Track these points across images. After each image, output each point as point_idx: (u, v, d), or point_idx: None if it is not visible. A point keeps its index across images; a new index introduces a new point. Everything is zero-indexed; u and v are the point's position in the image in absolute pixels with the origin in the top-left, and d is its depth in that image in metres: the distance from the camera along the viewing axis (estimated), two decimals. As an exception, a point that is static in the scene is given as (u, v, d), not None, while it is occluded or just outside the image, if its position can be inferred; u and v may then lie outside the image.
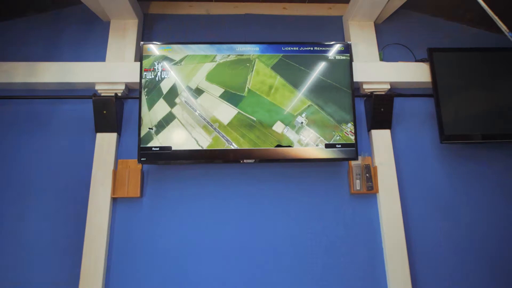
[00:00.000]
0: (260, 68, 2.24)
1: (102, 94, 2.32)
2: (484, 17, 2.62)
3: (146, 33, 2.62)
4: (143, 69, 2.21)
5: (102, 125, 2.27)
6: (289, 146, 2.13)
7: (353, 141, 2.18)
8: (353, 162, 2.29)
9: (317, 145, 2.15)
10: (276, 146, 2.12)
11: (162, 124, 2.14)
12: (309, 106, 2.20)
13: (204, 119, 2.17)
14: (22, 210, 2.17)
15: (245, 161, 2.14)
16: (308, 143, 2.14)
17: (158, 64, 2.23)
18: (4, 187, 2.21)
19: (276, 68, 2.25)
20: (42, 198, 2.20)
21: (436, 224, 2.25)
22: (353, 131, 2.18)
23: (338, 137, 2.17)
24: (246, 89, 2.23)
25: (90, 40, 2.54)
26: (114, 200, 2.22)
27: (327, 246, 2.20)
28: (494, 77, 2.31)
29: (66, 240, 2.14)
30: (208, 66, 2.23)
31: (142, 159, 2.12)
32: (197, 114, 2.17)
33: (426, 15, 2.76)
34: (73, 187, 2.22)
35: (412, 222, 2.24)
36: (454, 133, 2.25)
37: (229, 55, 2.25)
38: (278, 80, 2.23)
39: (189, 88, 2.19)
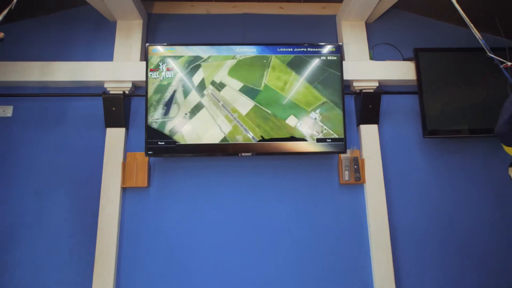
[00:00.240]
0: (276, 64, 2.42)
1: (111, 92, 2.50)
2: (470, 17, 2.77)
3: (150, 33, 2.79)
4: (149, 69, 2.39)
5: (112, 121, 2.47)
6: (304, 140, 2.33)
7: (342, 136, 2.38)
8: (342, 155, 2.49)
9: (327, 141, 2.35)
10: (289, 139, 2.32)
11: (194, 111, 2.35)
12: (323, 102, 2.39)
13: (226, 109, 2.36)
14: (41, 199, 2.39)
15: (242, 154, 2.34)
16: (322, 139, 2.35)
17: (162, 64, 2.40)
18: (23, 178, 2.42)
19: (291, 64, 2.43)
20: (58, 188, 2.41)
21: (418, 211, 2.46)
22: (335, 136, 2.37)
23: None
24: (263, 84, 2.41)
25: (98, 40, 2.70)
26: (124, 189, 2.43)
27: (318, 230, 2.42)
28: (475, 76, 2.48)
29: (81, 226, 2.36)
30: (230, 63, 2.41)
31: (149, 152, 2.33)
32: (221, 104, 2.37)
33: (415, 15, 2.90)
34: (86, 178, 2.43)
35: (395, 209, 2.46)
36: (436, 128, 2.44)
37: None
38: (292, 75, 2.41)
39: (214, 82, 2.38)
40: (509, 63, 1.76)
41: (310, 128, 2.36)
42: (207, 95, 2.38)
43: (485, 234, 2.43)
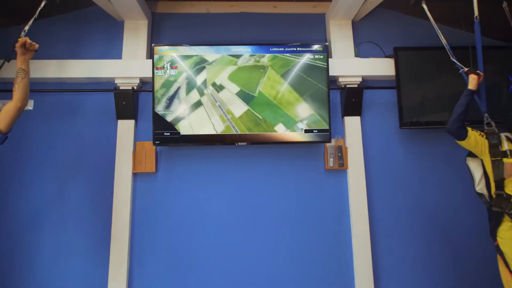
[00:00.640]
0: (272, 75, 2.70)
1: (121, 87, 2.79)
2: (452, 15, 3.01)
3: (154, 31, 3.05)
4: (155, 68, 2.67)
5: (122, 114, 2.77)
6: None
7: (328, 127, 2.68)
8: (328, 144, 2.80)
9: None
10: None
11: (193, 108, 2.64)
12: (311, 115, 2.68)
13: (222, 109, 2.66)
14: (61, 183, 2.72)
15: (239, 143, 2.66)
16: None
17: (167, 63, 2.68)
18: (45, 165, 2.74)
19: (285, 75, 2.70)
20: (76, 174, 2.74)
21: (393, 193, 2.80)
22: (321, 127, 2.67)
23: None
24: (258, 91, 2.70)
25: (108, 39, 2.96)
26: (134, 175, 2.76)
27: (306, 209, 2.76)
28: (448, 72, 2.73)
29: (97, 207, 2.70)
30: (231, 68, 2.69)
31: (156, 142, 2.64)
32: (217, 105, 2.66)
33: (400, 13, 3.14)
34: (101, 164, 2.76)
35: (373, 191, 2.79)
36: (411, 120, 2.74)
37: (248, 61, 2.69)
38: (285, 86, 2.69)
39: (215, 84, 2.67)
40: (465, 69, 2.05)
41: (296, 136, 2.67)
42: (207, 95, 2.66)
43: (449, 209, 2.77)
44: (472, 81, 2.00)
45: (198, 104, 2.65)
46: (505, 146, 1.96)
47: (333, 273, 2.68)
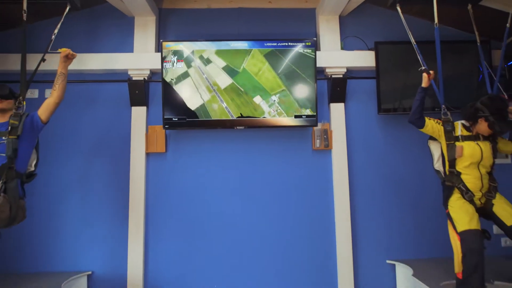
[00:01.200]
0: (256, 53, 3.08)
1: (134, 78, 3.17)
2: (431, 11, 3.30)
3: (161, 25, 3.39)
4: (163, 61, 3.04)
5: (135, 101, 3.17)
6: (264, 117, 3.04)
7: (315, 113, 3.07)
8: (315, 127, 3.20)
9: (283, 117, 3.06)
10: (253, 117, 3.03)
11: (180, 79, 3.03)
12: (282, 90, 3.07)
13: (208, 81, 3.05)
14: (86, 162, 3.15)
15: (237, 127, 3.07)
16: (274, 115, 3.05)
17: (174, 56, 3.05)
18: (71, 147, 3.16)
19: (268, 56, 3.08)
20: (97, 154, 3.17)
21: (371, 169, 3.24)
22: (309, 113, 3.06)
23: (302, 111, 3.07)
24: (242, 68, 3.08)
25: (120, 33, 3.31)
26: (147, 154, 3.18)
27: (295, 184, 3.21)
28: (421, 64, 3.08)
29: (116, 182, 3.14)
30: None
31: (165, 126, 3.05)
32: (204, 77, 3.05)
33: (384, 9, 3.43)
34: (118, 145, 3.18)
35: (354, 168, 3.23)
36: (388, 106, 3.13)
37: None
38: (266, 65, 3.07)
39: (202, 57, 3.04)
40: (422, 68, 2.41)
41: (267, 108, 3.06)
42: (194, 67, 3.04)
43: (417, 182, 3.21)
44: (424, 79, 2.38)
45: (185, 75, 3.03)
46: (459, 131, 2.36)
47: (317, 234, 3.16)
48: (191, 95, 3.05)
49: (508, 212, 2.21)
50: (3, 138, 2.16)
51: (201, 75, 3.05)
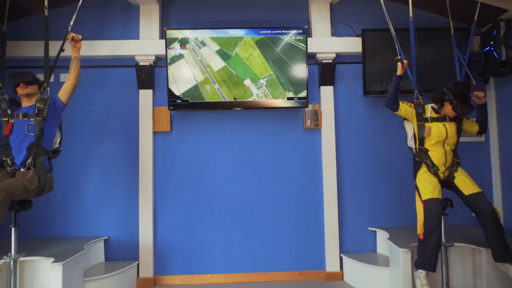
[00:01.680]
0: (248, 40, 3.36)
1: (140, 63, 3.47)
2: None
3: (164, 14, 3.65)
4: (167, 48, 3.33)
5: (142, 85, 3.48)
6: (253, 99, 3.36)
7: (306, 96, 3.38)
8: (306, 109, 3.52)
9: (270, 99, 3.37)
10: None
11: (174, 59, 3.33)
12: (269, 75, 3.37)
13: (202, 63, 3.35)
14: (99, 140, 3.51)
15: (235, 109, 3.40)
16: (262, 96, 3.37)
17: (177, 43, 3.34)
18: (86, 126, 3.51)
19: (258, 43, 3.36)
20: (110, 132, 3.52)
21: (356, 145, 3.58)
22: (292, 96, 3.37)
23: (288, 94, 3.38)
24: (234, 52, 3.37)
25: (126, 21, 3.59)
26: (154, 133, 3.53)
27: (288, 160, 3.56)
28: (403, 51, 3.35)
29: (127, 158, 3.51)
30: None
31: (170, 107, 3.38)
32: (198, 59, 3.35)
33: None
34: (128, 125, 3.52)
35: (341, 145, 3.57)
36: (372, 89, 3.44)
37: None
38: (256, 51, 3.36)
39: (197, 40, 3.33)
40: (405, 60, 2.69)
41: (256, 91, 3.37)
42: (188, 49, 3.33)
43: (397, 157, 3.52)
44: (399, 68, 2.67)
45: (180, 56, 3.33)
46: (428, 113, 2.68)
47: (307, 203, 3.56)
48: (184, 75, 3.35)
49: (466, 183, 2.56)
50: (31, 119, 2.50)
51: (195, 57, 3.34)
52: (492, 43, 3.21)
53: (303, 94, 3.39)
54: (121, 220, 3.49)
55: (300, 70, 3.37)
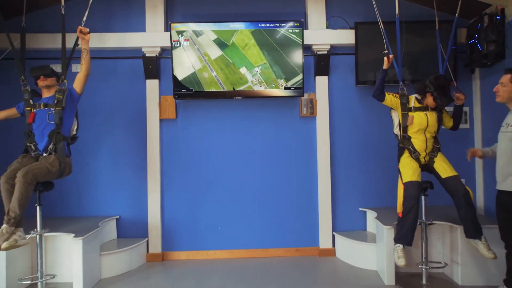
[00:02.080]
0: (244, 30, 3.58)
1: (147, 55, 3.71)
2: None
3: (169, 7, 3.86)
4: (172, 40, 3.55)
5: (149, 75, 3.72)
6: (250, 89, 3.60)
7: (302, 85, 3.62)
8: (302, 97, 3.76)
9: (265, 88, 3.61)
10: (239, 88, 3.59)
11: (175, 49, 3.57)
12: (263, 63, 3.60)
13: (199, 51, 3.58)
14: (111, 129, 3.78)
15: (236, 98, 3.65)
16: (256, 83, 3.61)
17: (181, 36, 3.56)
18: (98, 114, 3.77)
19: (254, 33, 3.58)
20: (120, 119, 3.79)
21: (349, 132, 3.85)
22: (283, 84, 3.61)
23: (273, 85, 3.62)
24: (231, 41, 3.59)
25: (133, 14, 3.80)
26: (161, 120, 3.80)
27: (285, 145, 3.84)
28: (393, 43, 3.56)
29: (136, 144, 3.79)
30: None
31: (175, 96, 3.63)
32: (196, 47, 3.58)
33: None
34: (137, 112, 3.79)
35: (335, 131, 3.84)
36: (364, 79, 3.66)
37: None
38: (252, 41, 3.58)
39: (200, 32, 3.56)
40: (391, 55, 2.92)
41: (251, 78, 3.60)
42: (190, 41, 3.55)
43: (386, 142, 3.74)
44: (385, 62, 2.89)
45: (177, 44, 3.56)
46: (412, 104, 2.93)
47: (303, 185, 3.86)
48: (183, 63, 3.57)
49: (444, 167, 2.83)
50: (51, 109, 2.77)
51: (193, 46, 3.57)
52: (476, 36, 3.41)
53: (299, 83, 3.62)
54: (131, 200, 3.81)
55: (292, 60, 3.59)
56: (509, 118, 2.49)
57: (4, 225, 2.42)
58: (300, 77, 3.62)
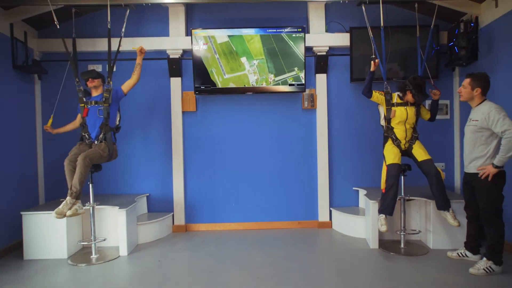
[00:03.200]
0: (254, 35, 4.19)
1: (171, 56, 4.32)
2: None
3: (188, 13, 4.45)
4: (192, 44, 4.16)
5: (173, 73, 4.35)
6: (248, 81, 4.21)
7: (303, 82, 4.23)
8: (304, 92, 4.37)
9: (272, 80, 4.21)
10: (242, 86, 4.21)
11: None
12: (261, 58, 4.20)
13: (215, 51, 4.18)
14: (142, 119, 4.44)
15: (247, 93, 4.27)
16: (251, 73, 4.21)
17: (200, 41, 4.16)
18: (132, 107, 4.40)
19: (262, 37, 4.18)
20: (148, 114, 4.44)
21: (344, 123, 4.46)
22: (272, 78, 4.21)
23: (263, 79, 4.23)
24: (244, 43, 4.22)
25: (159, 20, 4.40)
26: (183, 112, 4.44)
27: (289, 133, 4.48)
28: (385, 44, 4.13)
29: (163, 133, 4.45)
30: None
31: (196, 92, 4.26)
32: (213, 50, 4.17)
33: (361, -5, 4.40)
34: (163, 105, 4.44)
35: (332, 122, 4.46)
36: (358, 77, 4.25)
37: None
38: (256, 38, 4.18)
39: (211, 34, 4.16)
40: (377, 59, 3.50)
41: (248, 67, 4.19)
42: (204, 41, 4.17)
43: (377, 132, 4.33)
44: (372, 65, 3.48)
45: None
46: (395, 100, 3.53)
47: (304, 167, 4.51)
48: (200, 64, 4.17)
49: (420, 153, 3.45)
50: (101, 105, 3.42)
51: (211, 48, 4.17)
52: (454, 40, 3.97)
53: (275, 76, 4.20)
54: (159, 180, 4.50)
55: (277, 59, 4.19)
56: (472, 114, 3.09)
57: (68, 197, 3.11)
58: (292, 73, 4.23)
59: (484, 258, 2.98)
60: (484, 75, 2.97)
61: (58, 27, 3.53)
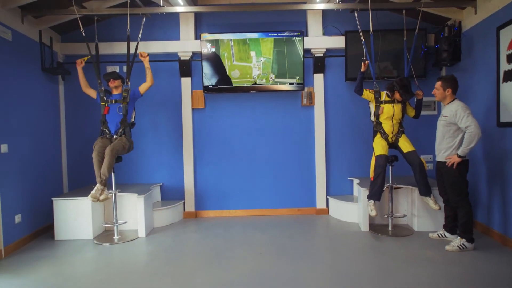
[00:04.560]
0: (257, 39, 4.59)
1: (182, 58, 4.75)
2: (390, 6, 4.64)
3: (197, 18, 4.86)
4: (201, 47, 4.58)
5: (184, 74, 4.78)
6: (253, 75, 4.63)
7: (302, 81, 4.64)
8: (303, 91, 4.78)
9: (272, 79, 4.63)
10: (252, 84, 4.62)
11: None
12: (268, 58, 4.61)
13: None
14: (155, 115, 4.88)
15: (251, 91, 4.70)
16: (256, 67, 4.61)
17: (208, 44, 4.59)
18: (145, 105, 4.85)
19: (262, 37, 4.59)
20: (162, 110, 4.88)
21: (340, 118, 4.87)
22: (273, 78, 4.62)
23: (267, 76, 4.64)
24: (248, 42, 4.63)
25: (170, 25, 4.82)
26: (193, 109, 4.88)
27: (289, 128, 4.90)
28: (375, 46, 4.52)
29: (174, 127, 4.89)
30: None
31: (204, 91, 4.69)
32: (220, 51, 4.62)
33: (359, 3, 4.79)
34: (174, 103, 4.88)
35: (329, 117, 4.87)
36: (351, 76, 4.65)
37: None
38: (270, 39, 4.58)
39: (218, 38, 4.59)
40: (367, 61, 3.91)
41: (255, 61, 4.59)
42: (212, 44, 4.61)
43: (368, 126, 4.72)
44: (362, 66, 3.89)
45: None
46: (383, 98, 3.93)
47: (303, 158, 4.93)
48: (209, 65, 4.63)
49: (405, 145, 3.85)
50: (120, 104, 3.86)
51: (218, 51, 4.60)
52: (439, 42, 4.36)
53: (298, 79, 4.63)
54: (171, 171, 4.95)
55: (280, 62, 4.59)
56: (443, 110, 3.51)
57: (98, 184, 3.57)
58: (292, 80, 4.64)
59: (458, 237, 3.41)
60: (452, 76, 3.39)
61: (84, 34, 3.96)
